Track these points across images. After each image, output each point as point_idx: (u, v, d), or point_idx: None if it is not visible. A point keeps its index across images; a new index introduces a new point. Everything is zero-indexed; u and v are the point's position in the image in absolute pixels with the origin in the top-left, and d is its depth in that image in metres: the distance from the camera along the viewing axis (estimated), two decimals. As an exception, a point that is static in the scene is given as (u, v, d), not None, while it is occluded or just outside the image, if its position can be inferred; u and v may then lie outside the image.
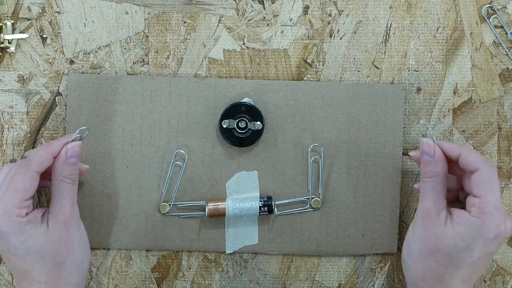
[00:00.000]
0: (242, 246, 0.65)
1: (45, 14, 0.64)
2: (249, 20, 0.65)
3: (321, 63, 0.65)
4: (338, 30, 0.65)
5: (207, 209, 0.63)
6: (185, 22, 0.65)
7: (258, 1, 0.65)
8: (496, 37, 0.65)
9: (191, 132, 0.64)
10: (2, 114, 0.65)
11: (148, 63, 0.65)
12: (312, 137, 0.64)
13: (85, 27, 0.65)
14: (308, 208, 0.64)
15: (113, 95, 0.64)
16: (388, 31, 0.65)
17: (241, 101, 0.63)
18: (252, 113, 0.63)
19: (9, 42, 0.64)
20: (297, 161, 0.64)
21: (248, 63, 0.65)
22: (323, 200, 0.64)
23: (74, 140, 0.57)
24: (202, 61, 0.65)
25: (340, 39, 0.65)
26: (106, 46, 0.65)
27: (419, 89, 0.65)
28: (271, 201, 0.63)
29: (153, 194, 0.64)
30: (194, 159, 0.64)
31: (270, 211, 0.63)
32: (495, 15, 0.65)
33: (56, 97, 0.65)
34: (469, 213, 0.55)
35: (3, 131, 0.65)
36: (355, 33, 0.65)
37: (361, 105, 0.64)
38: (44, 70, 0.64)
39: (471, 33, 0.65)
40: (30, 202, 0.56)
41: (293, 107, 0.64)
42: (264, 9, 0.65)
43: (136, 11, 0.65)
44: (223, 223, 0.64)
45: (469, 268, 0.56)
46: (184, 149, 0.64)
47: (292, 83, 0.64)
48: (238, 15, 0.65)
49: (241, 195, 0.64)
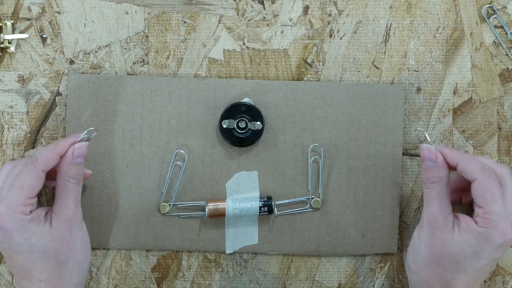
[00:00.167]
0: (242, 246, 0.65)
1: (45, 14, 0.64)
2: (249, 20, 0.65)
3: (321, 63, 0.65)
4: (338, 30, 0.65)
5: (207, 209, 0.63)
6: (185, 22, 0.65)
7: (258, 1, 0.65)
8: (496, 37, 0.65)
9: (191, 132, 0.64)
10: (2, 114, 0.65)
11: (148, 63, 0.65)
12: (312, 137, 0.64)
13: (85, 27, 0.65)
14: (308, 208, 0.64)
15: (113, 95, 0.64)
16: (388, 31, 0.65)
17: (241, 101, 0.63)
18: (252, 113, 0.63)
19: (9, 42, 0.64)
20: (297, 161, 0.64)
21: (248, 63, 0.65)
22: (323, 200, 0.64)
23: (81, 141, 0.57)
24: (202, 61, 0.65)
25: (340, 39, 0.65)
26: (106, 46, 0.65)
27: (419, 89, 0.65)
28: (271, 201, 0.63)
29: (153, 194, 0.64)
30: (194, 159, 0.64)
31: (270, 211, 0.63)
32: (495, 15, 0.65)
33: (56, 97, 0.65)
34: (476, 223, 0.55)
35: (3, 131, 0.65)
36: (355, 33, 0.65)
37: (361, 105, 0.64)
38: (44, 70, 0.64)
39: (471, 33, 0.65)
40: (35, 200, 0.56)
41: (293, 107, 0.64)
42: (264, 9, 0.65)
43: (136, 11, 0.65)
44: (223, 223, 0.64)
45: (475, 274, 0.56)
46: (184, 149, 0.64)
47: (292, 83, 0.64)
48: (238, 15, 0.65)
49: (241, 195, 0.64)
